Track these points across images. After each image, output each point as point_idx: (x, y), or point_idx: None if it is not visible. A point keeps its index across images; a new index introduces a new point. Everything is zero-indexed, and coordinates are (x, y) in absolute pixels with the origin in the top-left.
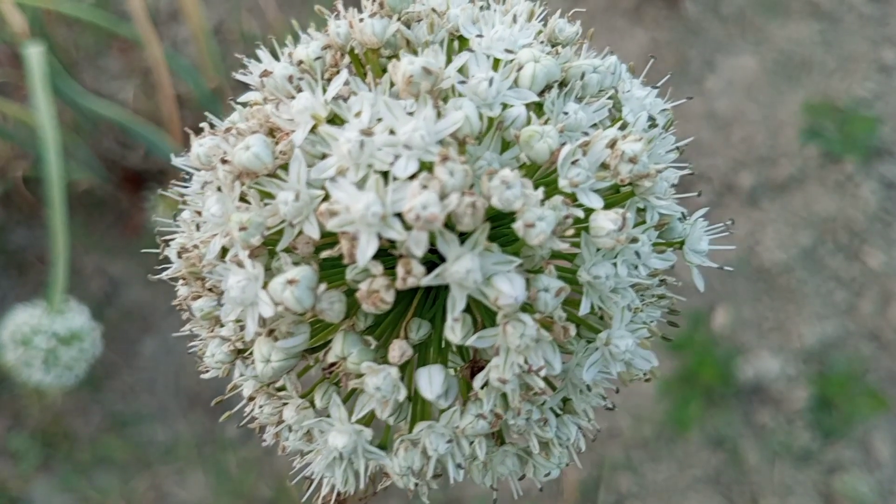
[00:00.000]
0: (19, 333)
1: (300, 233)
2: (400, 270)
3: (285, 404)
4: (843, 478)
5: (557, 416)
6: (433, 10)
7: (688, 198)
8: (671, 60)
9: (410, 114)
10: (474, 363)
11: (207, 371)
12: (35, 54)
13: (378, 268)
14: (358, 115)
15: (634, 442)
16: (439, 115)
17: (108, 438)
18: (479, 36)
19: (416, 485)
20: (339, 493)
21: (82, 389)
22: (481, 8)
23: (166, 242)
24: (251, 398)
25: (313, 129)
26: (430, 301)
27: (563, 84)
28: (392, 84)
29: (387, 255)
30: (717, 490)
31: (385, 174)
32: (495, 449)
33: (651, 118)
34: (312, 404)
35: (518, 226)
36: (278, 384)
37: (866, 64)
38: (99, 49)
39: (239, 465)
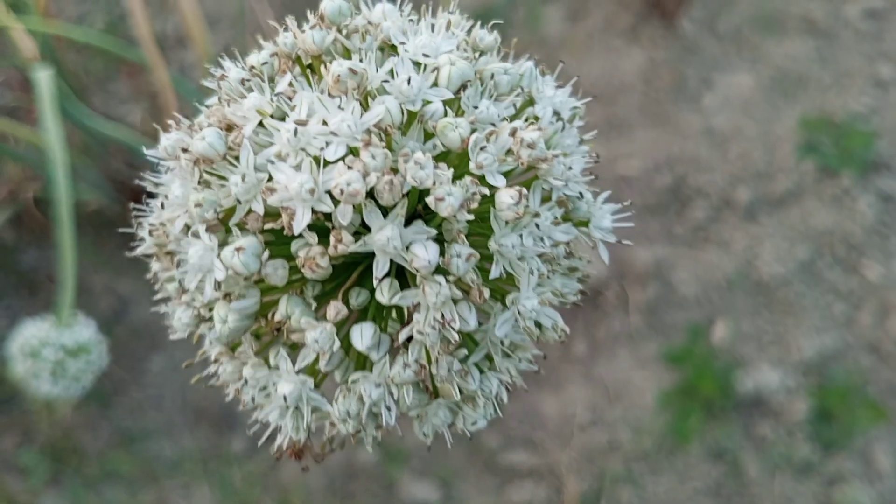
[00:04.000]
0: (28, 346)
1: (249, 211)
2: (332, 240)
3: (244, 364)
4: (843, 489)
5: (482, 372)
6: (369, 22)
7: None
8: (668, 79)
9: (342, 109)
10: (406, 327)
11: (175, 333)
12: (44, 77)
13: (314, 238)
14: (294, 108)
15: (635, 454)
16: (366, 108)
17: (117, 453)
18: (403, 43)
19: (358, 431)
20: (294, 445)
21: (91, 405)
22: (412, 21)
23: (140, 223)
24: (216, 360)
25: (261, 124)
26: (370, 278)
27: (480, 82)
28: None
29: (325, 232)
30: (717, 502)
31: (319, 162)
32: (430, 402)
33: (556, 113)
34: (267, 363)
35: (430, 199)
36: (240, 350)
37: (862, 79)
38: (108, 74)
39: (244, 480)
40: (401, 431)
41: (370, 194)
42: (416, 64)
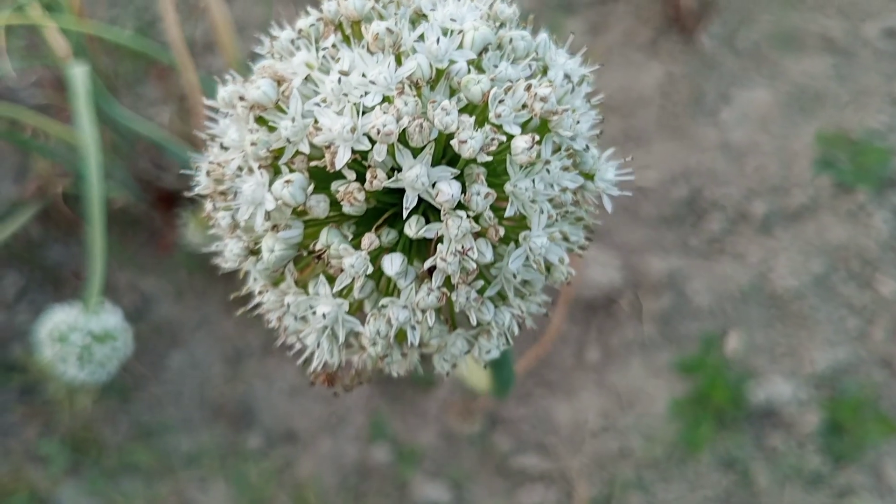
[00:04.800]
0: (57, 331)
1: (297, 153)
2: (368, 176)
3: (286, 294)
4: (853, 502)
5: (497, 306)
6: None
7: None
8: (686, 93)
9: (379, 64)
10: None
11: (226, 263)
12: (80, 73)
13: (352, 174)
14: (337, 60)
15: (646, 462)
16: (400, 64)
17: (135, 446)
18: (433, 10)
19: (385, 355)
20: (327, 369)
21: (111, 399)
22: None
23: (197, 167)
24: (260, 293)
25: (308, 78)
26: (399, 222)
27: (499, 49)
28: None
29: (361, 176)
30: None
31: (358, 109)
32: (448, 334)
33: (567, 76)
34: (306, 292)
35: (454, 142)
36: (282, 285)
37: (880, 97)
38: (137, 77)
39: (259, 475)
40: (421, 370)
41: (402, 140)
42: (444, 31)
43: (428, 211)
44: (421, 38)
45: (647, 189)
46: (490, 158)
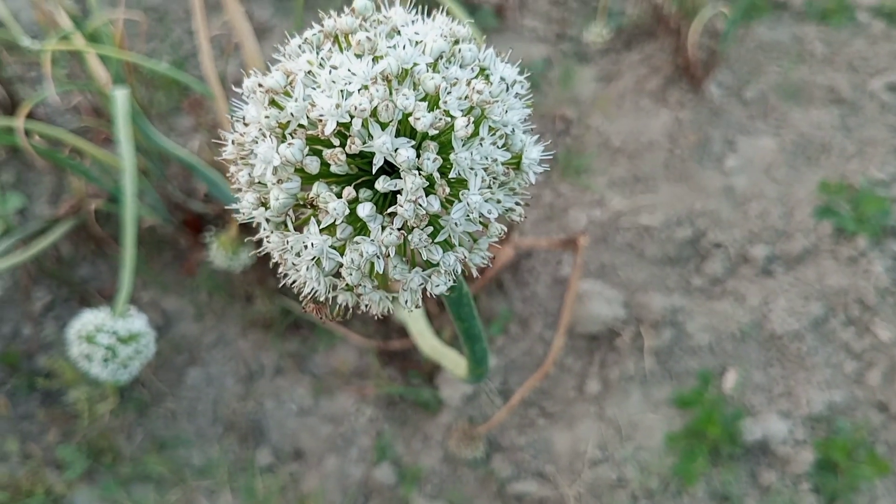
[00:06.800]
0: (84, 331)
1: (298, 125)
2: (348, 142)
3: (286, 237)
4: None
5: (445, 251)
6: (384, 16)
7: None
8: (693, 139)
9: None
10: (394, 213)
11: (243, 210)
12: (121, 95)
13: (337, 141)
14: (330, 59)
15: (641, 492)
16: (376, 62)
17: (149, 457)
18: (405, 26)
19: (359, 285)
20: (316, 302)
21: (129, 411)
22: (414, 17)
23: (226, 140)
24: (267, 237)
25: (309, 72)
26: (371, 185)
27: (453, 57)
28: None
29: (343, 144)
30: None
31: (343, 93)
32: (409, 271)
33: (503, 79)
34: (302, 233)
35: (412, 119)
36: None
37: (885, 149)
38: (170, 108)
39: (266, 490)
40: (391, 310)
41: (374, 116)
42: (411, 41)
43: (394, 177)
44: (394, 46)
45: (653, 229)
46: (438, 132)
